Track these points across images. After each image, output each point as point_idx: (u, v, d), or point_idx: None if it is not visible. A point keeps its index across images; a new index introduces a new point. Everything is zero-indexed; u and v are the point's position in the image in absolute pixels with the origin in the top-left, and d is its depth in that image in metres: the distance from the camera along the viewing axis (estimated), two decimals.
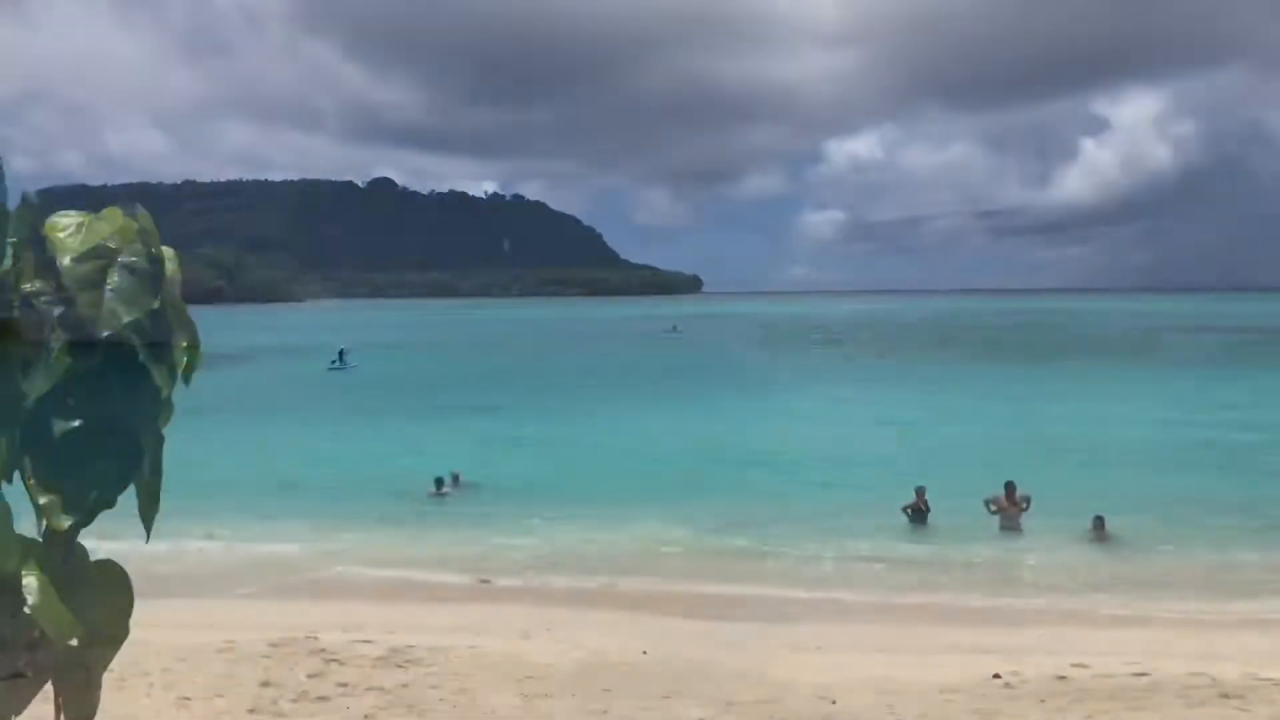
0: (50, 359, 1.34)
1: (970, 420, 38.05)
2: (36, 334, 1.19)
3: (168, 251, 1.49)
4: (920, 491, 22.45)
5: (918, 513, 22.24)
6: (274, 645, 13.93)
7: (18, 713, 1.31)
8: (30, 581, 1.30)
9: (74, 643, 1.33)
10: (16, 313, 1.18)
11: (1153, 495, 25.10)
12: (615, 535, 21.63)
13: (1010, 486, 21.54)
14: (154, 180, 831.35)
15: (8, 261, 1.20)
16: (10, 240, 1.21)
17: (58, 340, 1.36)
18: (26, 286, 1.19)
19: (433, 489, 26.18)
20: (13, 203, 1.24)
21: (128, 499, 1.45)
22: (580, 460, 31.57)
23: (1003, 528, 21.34)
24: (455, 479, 26.60)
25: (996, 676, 12.72)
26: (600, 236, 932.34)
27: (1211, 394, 48.10)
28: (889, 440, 34.52)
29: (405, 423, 41.58)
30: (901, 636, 14.99)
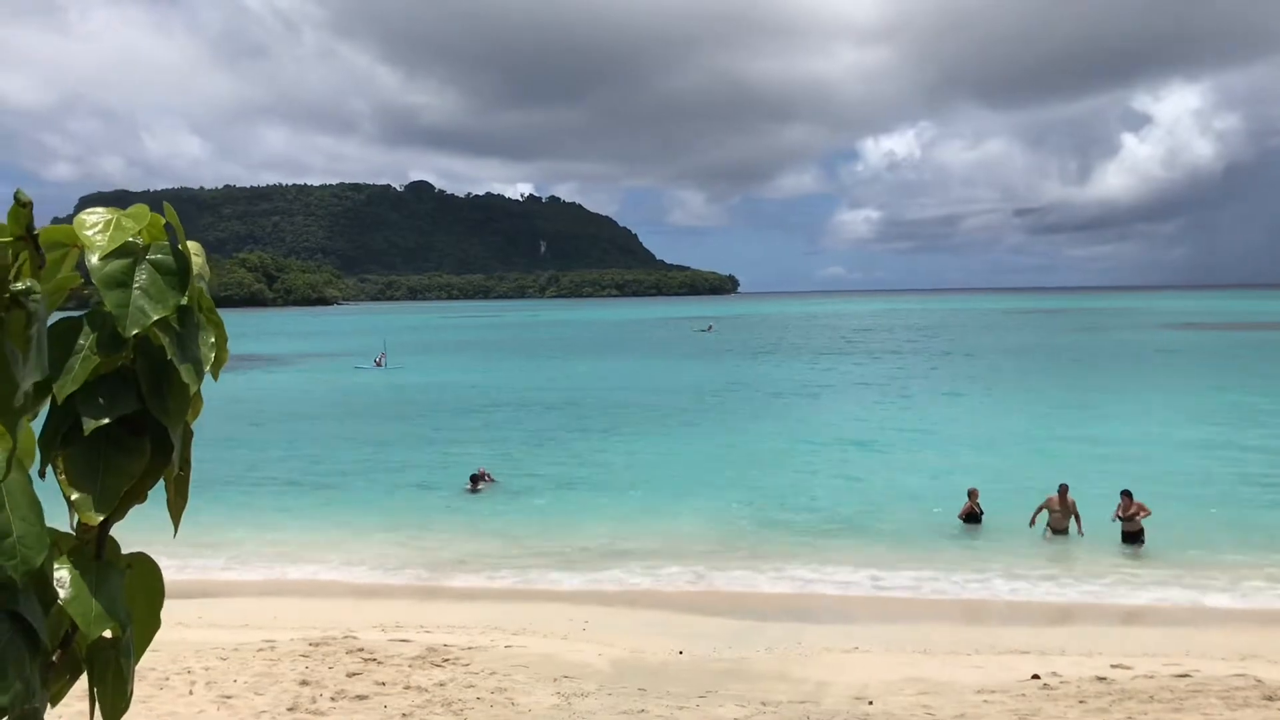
0: (79, 357, 1.36)
1: (1023, 426, 37.60)
2: (26, 331, 1.20)
3: (194, 247, 1.50)
4: (973, 494, 22.05)
5: (971, 516, 21.96)
6: (313, 645, 14.05)
7: (54, 706, 1.32)
8: (62, 575, 1.31)
9: (106, 635, 1.35)
10: (13, 312, 1.20)
11: (1194, 497, 24.75)
12: (651, 535, 21.63)
13: (1063, 488, 21.30)
14: (194, 185, 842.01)
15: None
16: (6, 240, 1.22)
17: (86, 338, 1.38)
18: (18, 285, 1.21)
19: (468, 486, 26.36)
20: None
21: (157, 494, 1.47)
22: (616, 461, 31.57)
23: (1051, 529, 21.11)
24: (486, 476, 26.74)
25: (1035, 677, 12.59)
26: (636, 237, 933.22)
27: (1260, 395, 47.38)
28: (940, 445, 34.22)
29: (441, 422, 41.82)
30: (940, 637, 14.88)
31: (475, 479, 26.51)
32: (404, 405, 49.03)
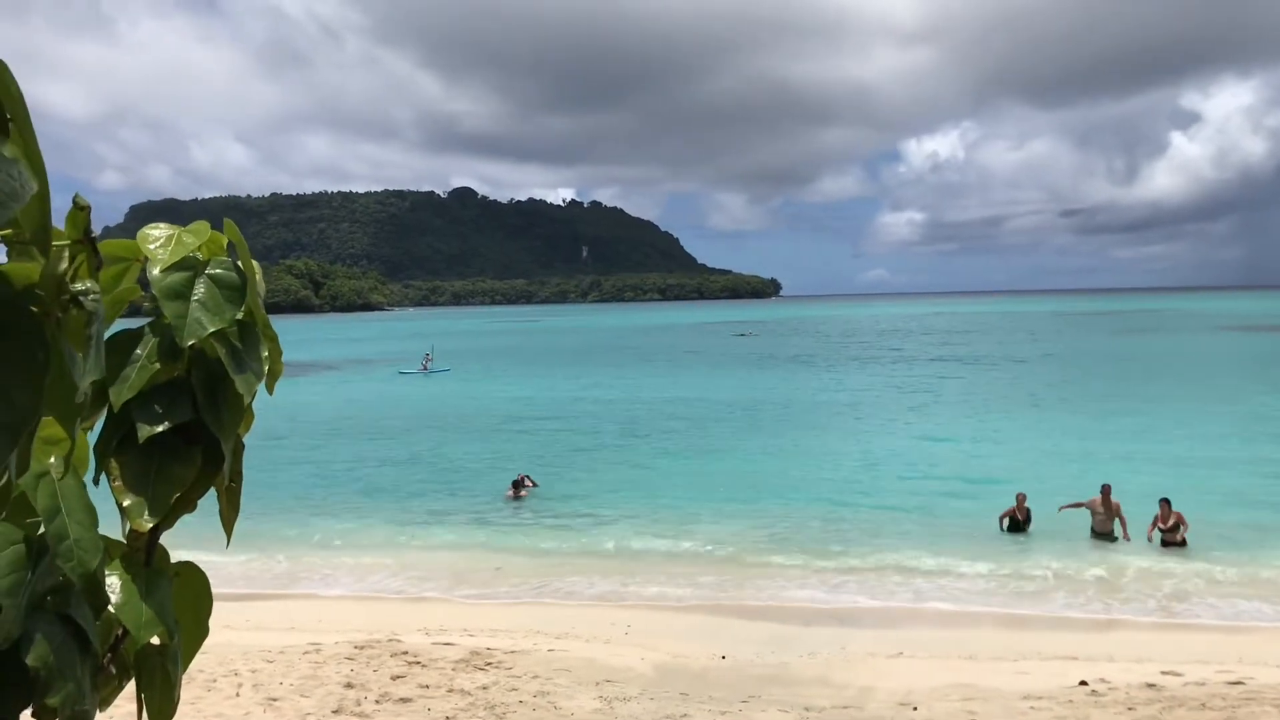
0: (136, 366, 1.39)
1: (1072, 432, 37.07)
2: (85, 330, 1.23)
3: (254, 264, 1.53)
4: (1021, 498, 21.74)
5: (1015, 522, 21.60)
6: (358, 648, 14.19)
7: (103, 709, 1.35)
8: (114, 581, 1.34)
9: (155, 641, 1.37)
10: (71, 312, 1.23)
11: (1246, 502, 24.31)
12: (693, 541, 21.61)
13: (1106, 489, 20.96)
14: (241, 194, 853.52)
15: (65, 263, 1.25)
16: (64, 243, 1.25)
17: (145, 347, 1.41)
18: (77, 286, 1.24)
19: (509, 492, 26.48)
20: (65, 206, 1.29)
21: (209, 503, 1.50)
22: (658, 466, 31.57)
23: (1095, 532, 20.81)
24: (528, 481, 26.83)
25: (1083, 684, 12.42)
26: (678, 241, 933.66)
27: None
28: (986, 451, 33.85)
29: (483, 426, 42.04)
30: (986, 643, 14.72)
31: (517, 485, 26.61)
32: (446, 411, 49.32)
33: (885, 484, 27.64)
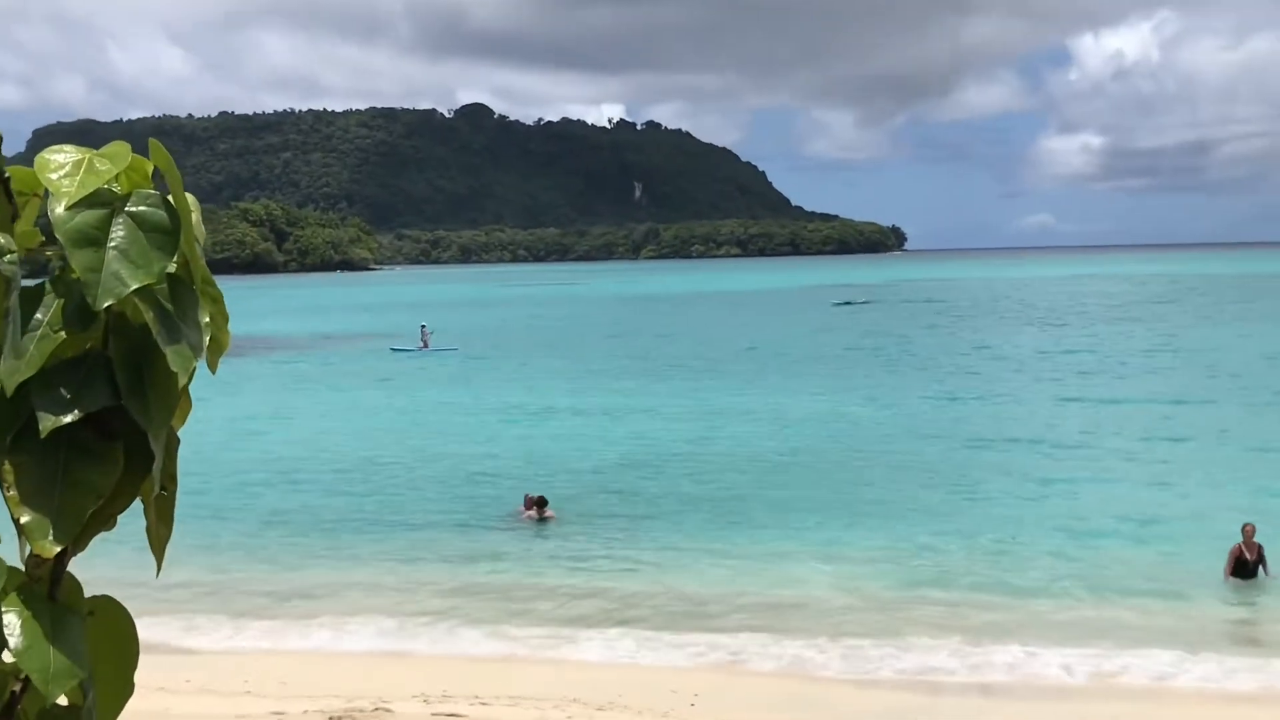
0: (35, 336, 1.38)
1: None
2: (3, 303, 1.22)
3: (190, 200, 1.53)
4: (1248, 533, 21.27)
5: (1242, 564, 21.05)
6: (334, 718, 14.36)
7: None
8: (11, 620, 1.32)
9: (63, 701, 1.37)
10: None
11: None
12: (775, 586, 21.58)
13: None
14: (179, 113, 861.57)
15: None
16: None
17: (47, 311, 1.40)
18: None
19: (530, 513, 26.68)
20: None
21: (133, 518, 1.49)
22: (729, 489, 31.46)
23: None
24: (545, 503, 26.89)
25: None
26: (764, 175, 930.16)
27: None
28: (1192, 477, 32.93)
29: (494, 428, 42.26)
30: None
31: (539, 505, 26.73)
32: (450, 404, 49.66)
33: (1045, 521, 27.20)
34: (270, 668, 17.24)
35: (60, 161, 1.43)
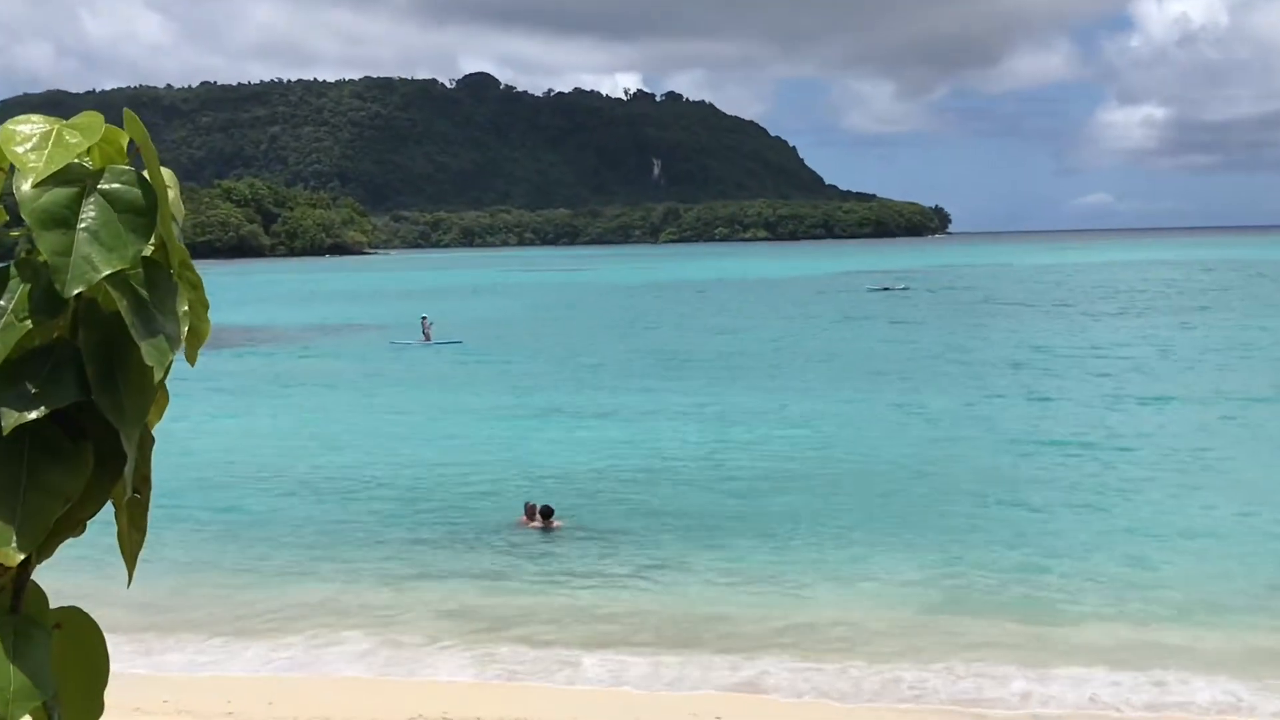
0: (0, 325, 1.38)
1: None
2: None
3: (167, 176, 1.52)
4: None
5: None
6: None
7: None
8: None
9: None
10: None
11: None
12: (821, 607, 21.52)
13: None
14: (157, 83, 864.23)
15: None
16: None
17: (10, 297, 1.40)
18: None
19: (536, 522, 26.69)
20: None
21: (104, 523, 1.49)
22: (765, 498, 31.42)
23: None
24: (549, 513, 26.92)
25: None
26: (794, 151, 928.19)
27: None
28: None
29: (502, 428, 42.26)
30: None
31: (544, 514, 26.75)
32: (451, 404, 49.66)
33: (1106, 527, 27.21)
34: (255, 687, 17.25)
35: (27, 134, 1.42)
